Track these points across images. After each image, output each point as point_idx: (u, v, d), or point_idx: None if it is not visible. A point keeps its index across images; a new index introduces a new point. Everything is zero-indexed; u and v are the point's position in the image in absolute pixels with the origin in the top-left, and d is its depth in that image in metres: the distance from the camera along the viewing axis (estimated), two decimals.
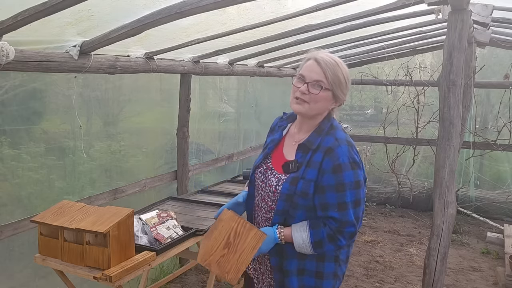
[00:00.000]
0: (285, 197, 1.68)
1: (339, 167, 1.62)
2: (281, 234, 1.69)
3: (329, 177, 1.62)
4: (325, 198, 1.64)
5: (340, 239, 1.65)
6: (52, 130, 2.94)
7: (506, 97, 4.72)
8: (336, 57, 1.71)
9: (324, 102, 1.67)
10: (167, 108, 4.01)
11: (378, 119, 6.41)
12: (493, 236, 5.01)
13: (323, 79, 1.64)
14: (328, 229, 1.65)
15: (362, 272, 4.17)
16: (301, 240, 1.66)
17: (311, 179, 1.64)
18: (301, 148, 1.72)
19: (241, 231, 1.66)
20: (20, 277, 2.68)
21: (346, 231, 1.65)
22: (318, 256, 1.72)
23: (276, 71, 5.10)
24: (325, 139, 1.68)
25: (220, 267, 1.66)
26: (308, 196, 1.65)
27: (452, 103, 2.43)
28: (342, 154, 1.63)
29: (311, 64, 1.68)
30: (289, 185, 1.67)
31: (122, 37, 2.26)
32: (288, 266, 1.73)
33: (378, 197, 6.36)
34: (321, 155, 1.65)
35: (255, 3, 2.26)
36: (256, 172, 1.85)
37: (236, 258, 1.66)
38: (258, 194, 1.83)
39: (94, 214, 2.20)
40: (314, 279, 1.73)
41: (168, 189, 3.96)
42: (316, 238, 1.65)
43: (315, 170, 1.65)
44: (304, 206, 1.67)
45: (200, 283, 3.82)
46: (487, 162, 5.92)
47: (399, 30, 3.87)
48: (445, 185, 2.48)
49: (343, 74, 1.67)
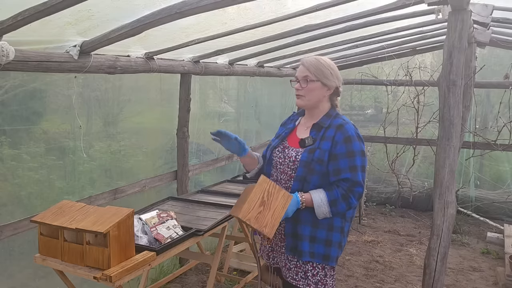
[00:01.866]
0: (304, 164, 2.02)
1: (349, 138, 1.99)
2: (302, 198, 1.99)
3: (341, 147, 1.98)
4: (338, 164, 1.98)
5: (351, 197, 1.98)
6: (52, 130, 2.94)
7: (506, 97, 4.72)
8: (320, 57, 2.12)
9: (317, 91, 2.08)
10: (167, 108, 4.01)
11: (378, 119, 6.40)
12: (493, 236, 5.01)
13: (308, 74, 2.06)
14: (341, 189, 1.97)
15: (362, 272, 4.17)
16: (319, 199, 1.97)
17: (326, 149, 2.00)
18: (314, 127, 2.11)
19: (272, 192, 1.93)
20: (20, 277, 2.68)
21: (356, 190, 1.98)
22: (329, 226, 2.03)
23: (276, 71, 5.10)
24: (334, 120, 2.07)
25: (259, 222, 1.90)
26: (323, 163, 1.99)
27: (452, 103, 2.43)
28: (350, 129, 2.02)
29: (299, 67, 2.14)
30: (308, 154, 2.03)
31: (122, 37, 2.26)
32: (302, 231, 2.03)
33: (378, 197, 6.36)
34: (333, 131, 2.03)
35: (255, 3, 2.27)
36: (274, 152, 2.18)
37: (271, 215, 1.91)
38: (276, 170, 2.14)
39: (94, 214, 2.20)
40: (323, 246, 2.03)
41: (168, 189, 3.96)
42: (331, 197, 1.97)
43: (329, 142, 2.01)
44: (319, 172, 2.00)
45: (200, 283, 3.82)
46: (487, 162, 5.92)
47: (399, 30, 3.87)
48: (445, 185, 2.48)
49: (324, 66, 2.07)
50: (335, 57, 4.98)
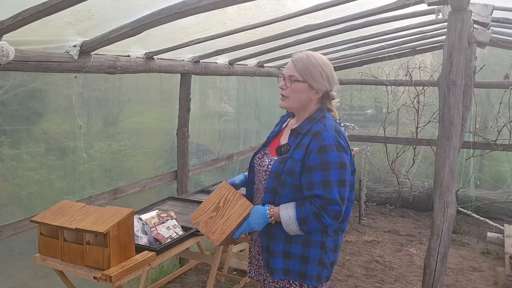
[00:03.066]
0: (274, 175, 1.83)
1: (324, 148, 1.75)
2: (271, 211, 1.82)
3: (315, 157, 1.75)
4: (311, 177, 1.76)
5: (324, 216, 1.75)
6: (52, 130, 2.94)
7: (506, 97, 4.72)
8: (314, 53, 1.88)
9: (301, 93, 1.85)
10: (167, 108, 4.01)
11: (378, 119, 6.40)
12: (493, 236, 5.01)
13: (294, 73, 1.84)
14: (313, 206, 1.75)
15: (362, 272, 4.17)
16: (287, 216, 1.78)
17: (298, 159, 1.78)
18: (293, 133, 1.90)
19: (230, 199, 1.84)
20: (20, 277, 2.68)
21: (330, 209, 1.74)
22: (304, 241, 1.83)
23: (276, 71, 5.10)
24: (315, 126, 1.83)
25: (207, 227, 1.83)
26: (294, 175, 1.78)
27: (452, 103, 2.43)
28: (328, 137, 1.76)
29: (288, 63, 1.91)
30: (278, 164, 1.83)
31: (122, 37, 2.26)
32: (275, 247, 1.85)
33: (378, 197, 6.36)
34: (309, 138, 1.80)
35: (255, 3, 2.26)
36: (254, 158, 2.02)
37: (223, 222, 1.82)
38: (257, 178, 1.99)
39: (94, 214, 2.20)
40: (299, 263, 1.84)
41: (168, 189, 3.96)
42: (301, 215, 1.76)
43: (302, 151, 1.79)
44: (291, 185, 1.79)
45: (200, 283, 3.82)
46: (487, 162, 5.92)
47: (399, 30, 3.87)
48: (445, 185, 2.48)
49: (315, 65, 1.82)
50: (335, 57, 4.98)
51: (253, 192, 2.03)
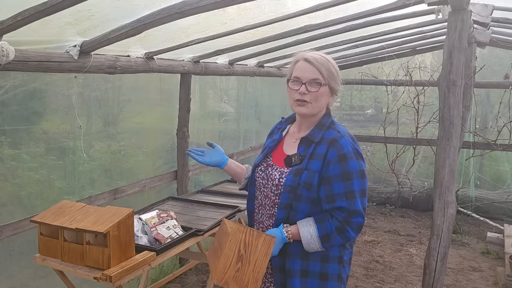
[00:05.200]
0: (289, 189, 1.67)
1: (344, 156, 1.62)
2: (289, 233, 1.67)
3: (335, 167, 1.62)
4: (331, 189, 1.63)
5: (348, 230, 1.63)
6: (52, 130, 2.94)
7: (506, 97, 4.72)
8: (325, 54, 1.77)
9: (324, 97, 1.71)
10: (167, 108, 4.01)
11: (378, 119, 6.40)
12: (493, 236, 5.01)
13: (319, 76, 1.67)
14: (336, 221, 1.63)
15: (362, 272, 4.17)
16: (309, 235, 1.64)
17: (316, 170, 1.65)
18: (303, 142, 1.74)
19: (250, 241, 1.64)
20: (20, 277, 2.68)
21: (354, 221, 1.63)
22: (322, 257, 1.70)
23: (276, 71, 5.10)
24: (327, 133, 1.70)
25: (238, 282, 1.63)
26: (312, 188, 1.64)
27: (452, 103, 2.43)
28: (346, 145, 1.64)
29: (302, 64, 1.71)
30: (293, 177, 1.67)
31: (122, 37, 2.26)
32: (292, 266, 1.71)
33: (378, 197, 6.36)
34: (325, 147, 1.66)
35: (255, 3, 2.26)
36: (256, 171, 1.84)
37: (252, 269, 1.64)
38: (260, 193, 1.82)
39: (94, 214, 2.20)
40: (318, 280, 1.70)
41: (168, 189, 3.96)
42: (323, 232, 1.63)
43: (319, 161, 1.65)
44: (308, 198, 1.66)
45: (200, 283, 3.82)
46: (487, 162, 5.92)
47: (399, 30, 3.87)
48: (445, 185, 2.48)
49: (334, 67, 1.73)
50: (335, 57, 4.98)
51: (253, 208, 1.86)
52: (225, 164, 2.05)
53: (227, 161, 2.05)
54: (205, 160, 2.05)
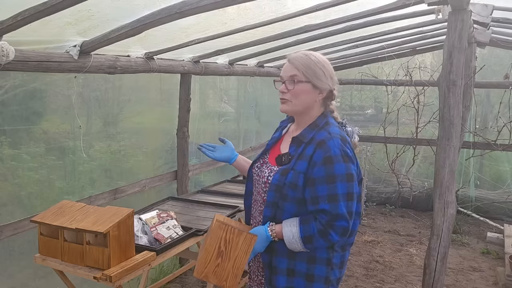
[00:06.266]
0: (275, 188, 1.69)
1: (330, 158, 1.61)
2: (273, 232, 1.70)
3: (320, 169, 1.61)
4: (315, 190, 1.62)
5: (331, 233, 1.62)
6: (52, 130, 2.94)
7: (506, 97, 4.72)
8: (310, 52, 1.76)
9: (305, 94, 1.70)
10: (167, 108, 4.01)
11: (378, 119, 6.40)
12: (493, 236, 5.01)
13: (297, 73, 1.69)
14: (319, 223, 1.62)
15: (362, 272, 4.17)
16: (291, 235, 1.65)
17: (301, 171, 1.65)
18: (294, 141, 1.75)
19: (230, 238, 1.68)
20: (20, 277, 2.68)
21: (337, 225, 1.61)
22: (309, 258, 1.70)
23: (276, 71, 5.10)
24: (319, 133, 1.69)
25: (217, 277, 1.69)
26: (297, 188, 1.65)
27: (452, 103, 2.43)
28: (333, 147, 1.62)
29: (285, 65, 1.76)
30: (280, 176, 1.69)
31: (122, 37, 2.26)
32: (278, 263, 1.73)
33: (378, 197, 6.36)
34: (313, 148, 1.66)
35: (255, 3, 2.26)
36: (253, 167, 1.89)
37: (232, 265, 1.68)
38: (255, 189, 1.86)
39: (94, 214, 2.20)
40: (304, 281, 1.70)
41: (168, 189, 3.97)
42: (306, 233, 1.63)
43: (305, 162, 1.65)
44: (294, 198, 1.66)
45: (200, 283, 3.82)
46: (487, 162, 5.92)
47: (399, 30, 3.87)
48: (445, 185, 2.48)
49: (316, 63, 1.70)
50: (335, 57, 4.98)
51: (251, 203, 1.90)
52: (234, 160, 2.07)
53: (236, 156, 2.07)
54: (216, 155, 2.06)
